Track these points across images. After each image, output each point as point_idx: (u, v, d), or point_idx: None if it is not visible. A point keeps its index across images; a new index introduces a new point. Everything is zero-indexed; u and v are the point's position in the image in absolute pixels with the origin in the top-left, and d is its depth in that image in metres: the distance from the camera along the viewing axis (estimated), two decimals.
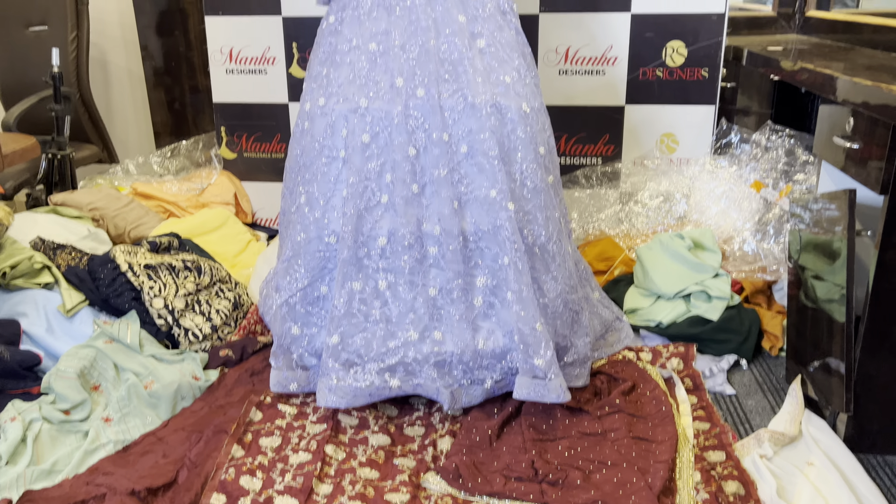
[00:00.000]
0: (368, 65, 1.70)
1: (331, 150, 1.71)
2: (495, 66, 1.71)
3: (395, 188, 1.66)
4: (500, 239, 1.65)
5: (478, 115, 1.66)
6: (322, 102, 1.73)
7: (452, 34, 1.69)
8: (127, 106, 3.58)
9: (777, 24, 2.87)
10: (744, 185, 2.29)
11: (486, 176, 1.66)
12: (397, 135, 1.66)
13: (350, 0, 1.76)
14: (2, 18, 3.00)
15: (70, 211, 2.41)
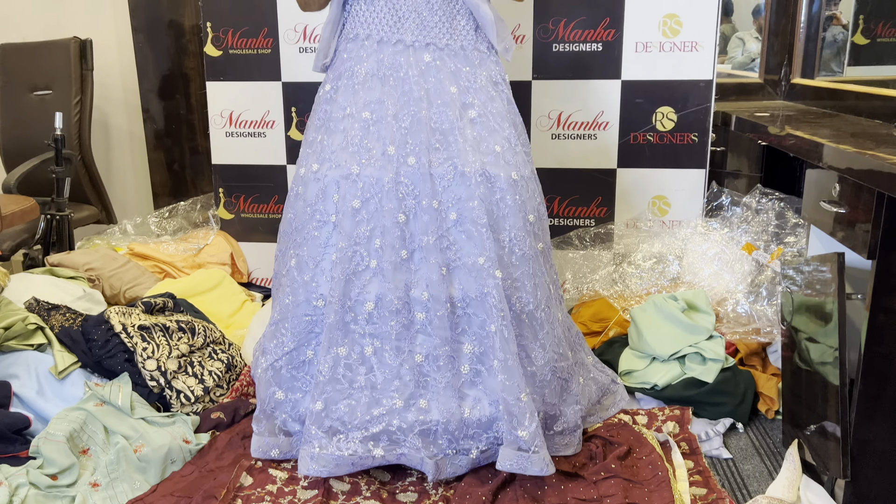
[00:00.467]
0: (361, 132, 1.73)
1: (322, 214, 1.73)
2: (485, 136, 1.74)
3: (383, 253, 1.67)
4: (487, 306, 1.65)
5: (467, 183, 1.68)
6: (315, 168, 1.76)
7: (444, 105, 1.73)
8: (127, 167, 3.63)
9: (764, 90, 2.95)
10: (735, 247, 2.31)
11: (474, 243, 1.67)
12: (387, 201, 1.68)
13: (345, 70, 1.81)
14: (8, 83, 3.07)
15: (66, 271, 2.42)
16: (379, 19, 1.79)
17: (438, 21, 1.79)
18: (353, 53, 1.81)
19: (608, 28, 2.54)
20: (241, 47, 2.76)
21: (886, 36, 2.61)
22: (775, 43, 2.91)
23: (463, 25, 1.82)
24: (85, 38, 2.99)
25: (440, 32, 1.79)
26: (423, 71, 1.76)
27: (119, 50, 3.44)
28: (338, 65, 1.85)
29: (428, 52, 1.77)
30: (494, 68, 1.84)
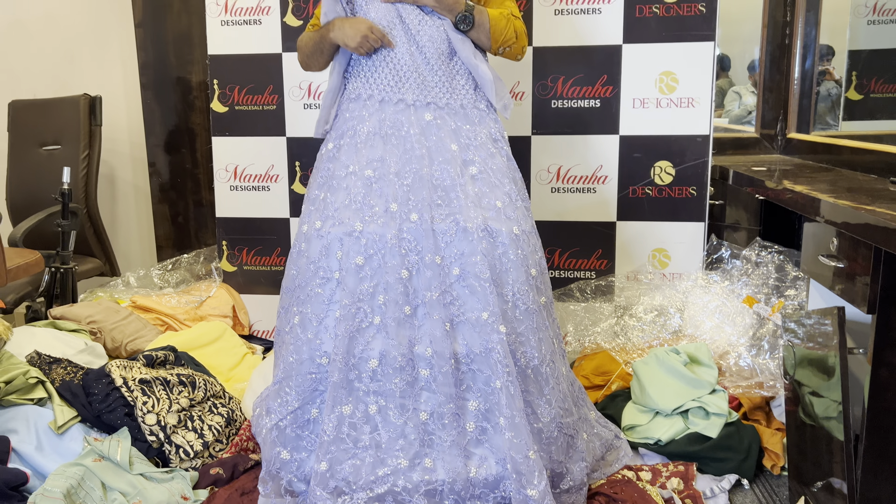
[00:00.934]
0: (364, 190, 1.76)
1: (326, 271, 1.74)
2: (486, 192, 1.77)
3: (387, 309, 1.67)
4: (492, 362, 1.64)
5: (469, 238, 1.70)
6: (318, 225, 1.78)
7: (445, 162, 1.76)
8: (131, 219, 3.66)
9: (760, 144, 2.99)
10: (736, 300, 2.32)
11: (477, 298, 1.68)
12: (391, 257, 1.69)
13: (348, 129, 1.85)
14: (18, 139, 3.12)
15: (68, 324, 2.42)
16: (381, 80, 1.83)
17: (438, 81, 1.83)
18: (356, 113, 1.85)
19: (606, 85, 2.60)
20: (247, 104, 2.82)
21: (879, 92, 2.66)
22: (770, 98, 2.97)
23: (462, 85, 1.86)
24: (95, 95, 3.05)
25: (440, 92, 1.83)
26: (424, 129, 1.79)
27: (127, 106, 3.51)
28: (340, 124, 1.89)
29: (429, 111, 1.82)
30: (493, 126, 1.88)
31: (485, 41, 1.88)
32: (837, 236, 1.62)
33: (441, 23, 1.85)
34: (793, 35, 2.89)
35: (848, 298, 1.56)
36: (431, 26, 1.83)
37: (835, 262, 1.60)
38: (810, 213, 1.75)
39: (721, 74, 3.48)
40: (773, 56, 2.94)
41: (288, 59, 2.76)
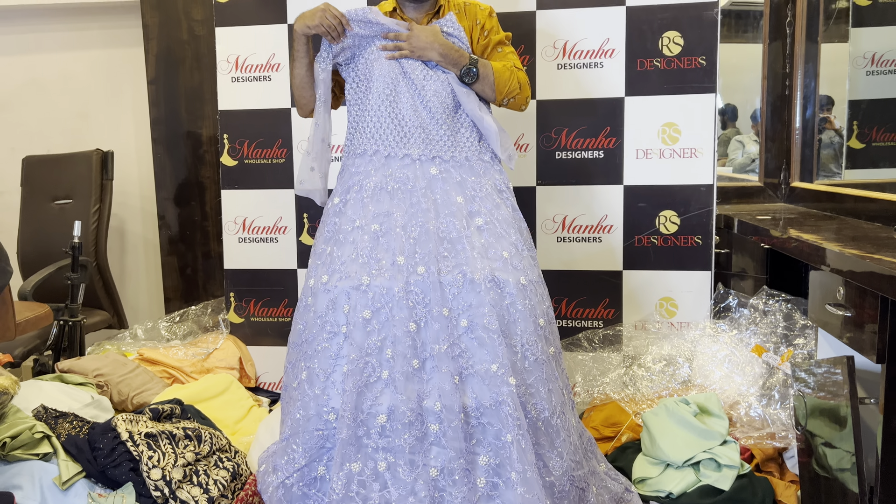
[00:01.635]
0: (371, 244, 1.77)
1: (333, 325, 1.75)
2: (493, 242, 1.78)
3: (395, 363, 1.66)
4: (503, 415, 1.63)
5: (477, 290, 1.70)
6: (325, 279, 1.79)
7: (451, 214, 1.78)
8: (140, 272, 3.69)
9: (764, 193, 3.01)
10: (745, 349, 2.30)
11: (486, 350, 1.67)
12: (398, 310, 1.69)
13: (354, 183, 1.87)
14: (31, 193, 3.18)
15: (75, 377, 2.42)
16: (386, 136, 1.86)
17: (443, 134, 1.87)
18: (362, 168, 1.88)
19: (609, 136, 2.63)
20: (256, 157, 2.87)
21: (881, 140, 2.69)
22: (773, 147, 3.00)
23: (466, 137, 1.89)
24: (107, 150, 3.11)
25: (445, 145, 1.86)
26: (429, 183, 1.82)
27: (138, 160, 3.58)
28: (346, 178, 1.92)
29: (434, 165, 1.85)
30: (498, 177, 1.91)
31: (489, 93, 1.92)
32: (844, 285, 1.62)
33: (445, 76, 1.89)
34: (792, 86, 2.93)
35: (857, 348, 1.55)
36: (436, 80, 1.88)
37: (842, 310, 1.60)
38: (816, 262, 1.76)
39: (728, 125, 3.52)
40: (774, 106, 2.99)
41: (297, 113, 2.81)
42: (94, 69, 3.58)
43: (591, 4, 2.59)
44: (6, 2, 3.46)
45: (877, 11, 2.71)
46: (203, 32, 3.19)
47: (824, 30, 2.85)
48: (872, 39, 2.73)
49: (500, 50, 2.00)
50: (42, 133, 3.63)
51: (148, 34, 3.23)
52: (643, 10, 2.57)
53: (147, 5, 3.22)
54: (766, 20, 2.97)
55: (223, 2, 2.81)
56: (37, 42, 3.59)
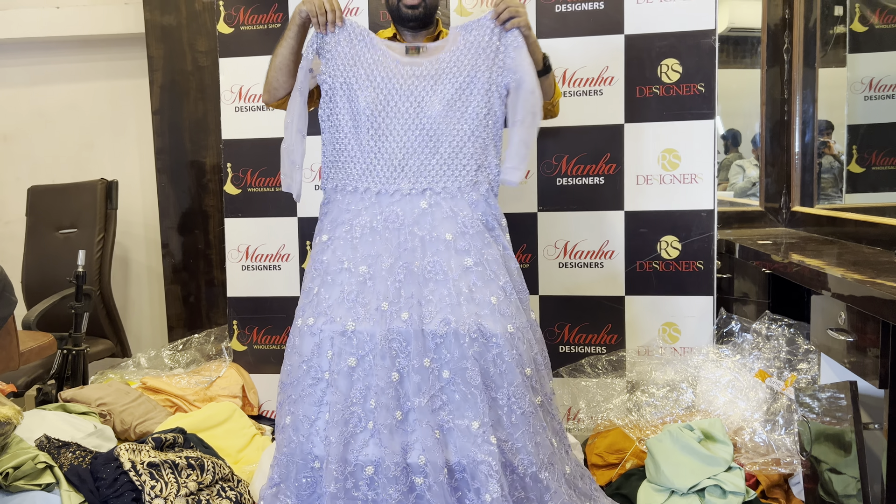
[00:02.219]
0: (358, 287, 1.74)
1: (317, 370, 1.72)
2: (481, 286, 1.72)
3: (378, 415, 1.64)
4: (482, 475, 1.60)
5: (461, 341, 1.66)
6: (311, 322, 1.76)
7: (437, 253, 1.74)
8: (144, 300, 3.70)
9: (765, 218, 3.02)
10: (749, 374, 2.30)
11: (469, 405, 1.64)
12: (380, 359, 1.66)
13: (343, 221, 1.83)
14: (35, 223, 3.20)
15: (78, 407, 2.42)
16: (376, 172, 1.82)
17: (438, 164, 1.81)
18: (352, 206, 1.83)
19: (609, 163, 2.65)
20: (260, 185, 2.89)
21: (880, 165, 2.70)
22: (773, 172, 3.02)
23: (464, 165, 1.82)
24: (111, 180, 3.14)
25: (438, 175, 1.80)
26: (417, 218, 1.78)
27: (143, 189, 3.61)
28: (335, 215, 1.86)
29: (424, 199, 1.80)
30: (490, 211, 1.84)
31: (549, 91, 1.93)
32: (845, 310, 1.62)
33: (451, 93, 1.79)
34: (791, 112, 2.96)
35: (859, 373, 1.55)
36: (439, 100, 1.79)
37: (844, 335, 1.60)
38: (817, 287, 1.76)
39: (730, 149, 3.55)
40: (774, 132, 3.01)
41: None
42: (99, 100, 3.63)
43: (591, 33, 2.62)
44: (14, 34, 3.51)
45: (873, 37, 2.74)
46: (207, 63, 3.23)
47: (822, 55, 2.88)
48: (870, 65, 2.76)
49: None
50: (48, 163, 3.67)
51: (153, 65, 3.27)
52: (641, 39, 2.60)
53: (152, 37, 3.27)
54: (763, 46, 3.01)
55: (227, 33, 2.86)
56: (43, 74, 3.64)
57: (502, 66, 1.83)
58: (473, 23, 1.86)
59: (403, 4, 1.94)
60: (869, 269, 1.74)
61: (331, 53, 1.86)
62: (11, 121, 3.68)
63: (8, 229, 3.73)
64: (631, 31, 2.60)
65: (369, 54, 1.84)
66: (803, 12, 2.89)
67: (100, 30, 3.48)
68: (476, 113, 1.82)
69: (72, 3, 3.50)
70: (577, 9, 2.63)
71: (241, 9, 2.84)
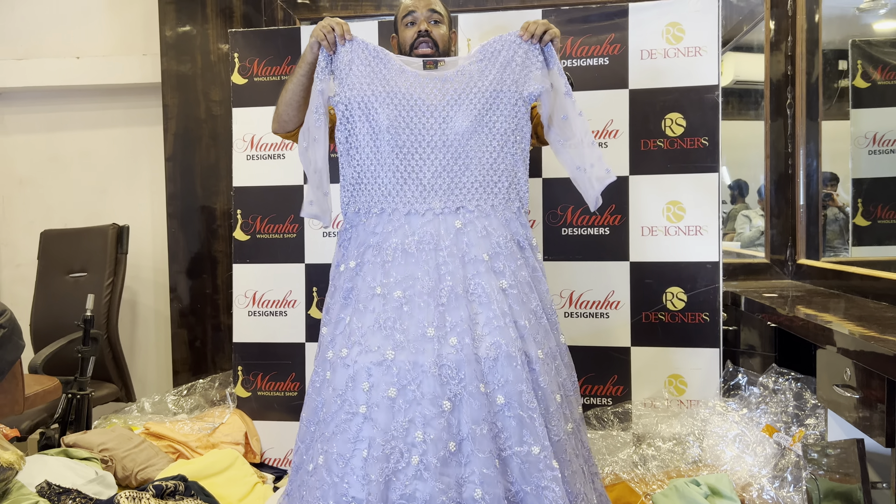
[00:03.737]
0: (395, 313, 1.63)
1: (351, 405, 1.61)
2: (517, 310, 1.66)
3: (428, 448, 1.51)
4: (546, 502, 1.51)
5: (513, 364, 1.58)
6: (344, 353, 1.65)
7: (478, 275, 1.66)
8: (150, 344, 3.71)
9: (771, 270, 3.02)
10: (756, 428, 2.27)
11: (527, 431, 1.55)
12: (428, 387, 1.55)
13: (370, 245, 1.73)
14: (46, 267, 3.24)
15: (80, 452, 2.41)
16: (404, 192, 1.73)
17: (469, 181, 1.73)
18: (380, 228, 1.74)
19: (614, 213, 2.67)
20: (269, 232, 2.93)
21: (886, 218, 2.71)
22: (778, 224, 3.03)
23: (495, 182, 1.75)
24: (123, 225, 3.18)
25: (471, 193, 1.73)
26: (455, 238, 1.69)
27: (153, 234, 3.65)
28: (363, 239, 1.76)
29: (458, 218, 1.71)
30: (522, 231, 1.78)
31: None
32: (851, 366, 1.61)
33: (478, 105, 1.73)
34: (795, 164, 2.98)
35: (866, 430, 1.53)
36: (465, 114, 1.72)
37: (850, 392, 1.59)
38: (823, 343, 1.75)
39: (738, 200, 3.57)
40: (778, 184, 3.03)
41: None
42: (114, 146, 3.70)
43: (596, 87, 2.67)
44: (35, 83, 3.61)
45: (876, 93, 2.78)
46: (220, 112, 3.30)
47: (825, 108, 2.92)
48: (873, 120, 2.80)
49: None
50: (61, 207, 3.72)
51: (168, 113, 3.35)
52: (646, 93, 2.65)
53: (168, 86, 3.35)
54: (766, 100, 3.05)
55: (241, 84, 2.93)
56: (61, 120, 3.73)
57: (529, 77, 1.78)
58: (496, 39, 1.81)
59: (415, 53, 1.91)
60: (875, 324, 1.73)
61: (345, 73, 1.79)
62: (28, 166, 3.76)
63: (19, 272, 3.76)
64: (635, 85, 2.65)
65: (386, 70, 1.78)
66: (805, 67, 2.94)
67: (118, 79, 3.57)
68: (505, 128, 1.76)
69: (92, 53, 3.60)
70: (582, 64, 2.68)
71: (255, 60, 2.91)
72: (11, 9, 3.67)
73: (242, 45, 2.93)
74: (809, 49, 2.94)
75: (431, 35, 1.90)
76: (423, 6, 1.94)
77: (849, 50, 2.81)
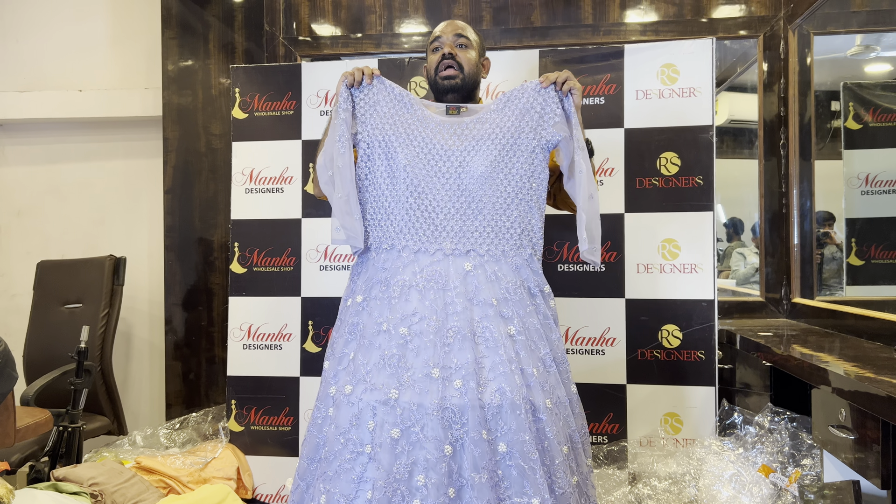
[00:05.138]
0: (399, 351, 1.62)
1: (356, 444, 1.59)
2: (524, 357, 1.65)
3: (428, 493, 1.50)
4: None
5: (517, 412, 1.57)
6: (349, 390, 1.63)
7: (486, 318, 1.65)
8: (144, 376, 3.69)
9: (766, 308, 3.03)
10: (752, 468, 2.26)
11: (527, 482, 1.54)
12: (431, 430, 1.53)
13: (379, 280, 1.73)
14: (42, 298, 3.23)
15: (70, 486, 2.38)
16: (416, 230, 1.74)
17: (481, 225, 1.74)
18: (388, 264, 1.74)
19: (610, 251, 2.69)
20: (265, 265, 2.93)
21: (880, 258, 2.73)
22: (772, 262, 3.04)
23: (507, 228, 1.75)
24: (120, 256, 3.19)
25: (482, 238, 1.73)
26: (464, 279, 1.68)
27: (150, 266, 3.65)
28: (371, 274, 1.77)
29: (468, 260, 1.71)
30: (532, 277, 1.76)
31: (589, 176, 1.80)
32: (846, 406, 1.61)
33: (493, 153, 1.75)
34: (789, 204, 3.01)
35: (862, 472, 1.53)
36: (481, 161, 1.74)
37: (845, 433, 1.59)
38: (817, 382, 1.75)
39: (733, 237, 3.59)
40: (773, 223, 3.06)
41: (307, 224, 2.90)
42: (113, 178, 3.73)
43: (592, 126, 2.71)
44: (36, 115, 3.64)
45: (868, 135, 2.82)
46: (220, 146, 3.33)
47: (819, 148, 2.95)
48: (865, 161, 2.83)
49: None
50: (59, 238, 3.73)
51: (167, 146, 3.38)
52: (641, 133, 2.69)
53: (169, 120, 3.38)
54: (760, 141, 3.09)
55: (241, 118, 2.96)
56: (61, 152, 3.76)
57: (548, 125, 1.79)
58: (518, 88, 1.84)
59: (439, 77, 1.91)
60: (869, 364, 1.74)
61: (368, 113, 1.83)
62: (26, 197, 3.77)
63: (13, 303, 3.75)
64: (631, 125, 2.69)
65: (408, 113, 1.81)
66: (798, 109, 2.98)
67: (119, 112, 3.60)
68: (520, 175, 1.76)
69: (94, 86, 3.65)
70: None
71: (255, 95, 2.95)
72: (16, 41, 3.72)
73: (244, 81, 2.97)
74: (802, 90, 2.99)
75: (456, 58, 1.90)
76: (450, 31, 1.94)
77: (840, 92, 2.85)
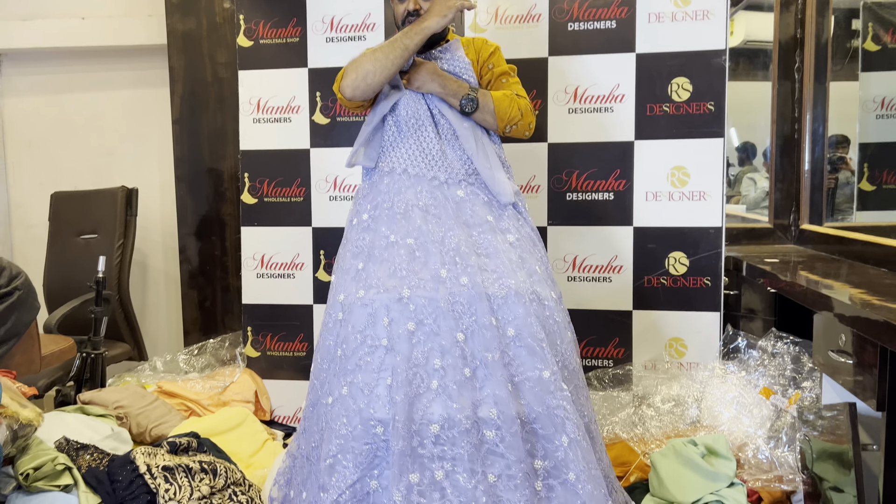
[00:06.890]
0: (408, 258, 1.82)
1: (373, 339, 1.76)
2: (526, 258, 1.86)
3: (446, 374, 1.68)
4: (558, 420, 1.67)
5: (522, 300, 1.76)
6: (361, 294, 1.81)
7: (484, 232, 1.86)
8: (161, 305, 3.77)
9: (774, 235, 3.04)
10: (753, 390, 2.32)
11: (537, 358, 1.72)
12: (444, 321, 1.72)
13: (383, 200, 1.94)
14: (57, 228, 3.28)
15: (96, 409, 2.48)
16: (412, 156, 1.95)
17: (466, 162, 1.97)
18: (392, 186, 1.94)
19: (619, 179, 2.69)
20: (276, 196, 2.96)
21: (891, 183, 2.71)
22: (782, 188, 3.03)
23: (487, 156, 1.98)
24: (132, 187, 3.22)
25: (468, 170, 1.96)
26: (458, 205, 1.90)
27: (162, 197, 3.68)
28: (374, 195, 1.97)
29: (460, 188, 1.93)
30: (517, 198, 2.00)
31: (491, 121, 2.00)
32: (847, 332, 1.65)
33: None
34: (801, 129, 2.98)
35: (859, 394, 1.58)
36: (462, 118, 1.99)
37: (845, 357, 1.63)
38: (820, 308, 1.79)
39: (746, 162, 3.56)
40: (783, 149, 3.03)
41: (315, 154, 2.90)
42: (121, 109, 3.71)
43: (602, 51, 2.66)
44: (40, 44, 3.61)
45: (886, 57, 2.76)
46: (227, 75, 3.30)
47: (836, 69, 2.89)
48: (882, 84, 2.78)
49: (505, 81, 2.09)
50: (70, 170, 3.75)
51: (174, 76, 3.35)
52: (652, 58, 2.64)
53: (174, 48, 3.34)
54: (774, 63, 3.03)
55: (246, 46, 2.92)
56: (67, 82, 3.73)
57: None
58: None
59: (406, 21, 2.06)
60: (873, 291, 1.76)
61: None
62: (35, 128, 3.77)
63: (30, 233, 3.81)
64: (642, 49, 2.64)
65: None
66: (815, 30, 2.91)
67: (123, 40, 3.56)
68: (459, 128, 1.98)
69: (97, 14, 3.59)
70: (589, 27, 2.67)
71: (260, 22, 2.90)
72: None
73: (248, 7, 2.92)
74: (819, 10, 2.91)
75: (420, 12, 2.00)
76: None
77: (860, 11, 2.77)
